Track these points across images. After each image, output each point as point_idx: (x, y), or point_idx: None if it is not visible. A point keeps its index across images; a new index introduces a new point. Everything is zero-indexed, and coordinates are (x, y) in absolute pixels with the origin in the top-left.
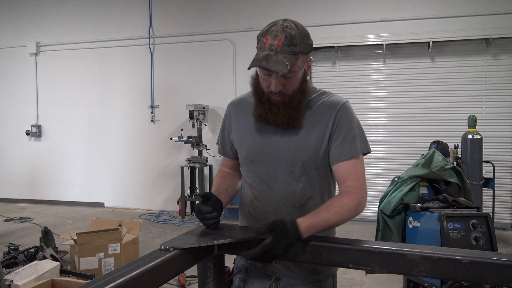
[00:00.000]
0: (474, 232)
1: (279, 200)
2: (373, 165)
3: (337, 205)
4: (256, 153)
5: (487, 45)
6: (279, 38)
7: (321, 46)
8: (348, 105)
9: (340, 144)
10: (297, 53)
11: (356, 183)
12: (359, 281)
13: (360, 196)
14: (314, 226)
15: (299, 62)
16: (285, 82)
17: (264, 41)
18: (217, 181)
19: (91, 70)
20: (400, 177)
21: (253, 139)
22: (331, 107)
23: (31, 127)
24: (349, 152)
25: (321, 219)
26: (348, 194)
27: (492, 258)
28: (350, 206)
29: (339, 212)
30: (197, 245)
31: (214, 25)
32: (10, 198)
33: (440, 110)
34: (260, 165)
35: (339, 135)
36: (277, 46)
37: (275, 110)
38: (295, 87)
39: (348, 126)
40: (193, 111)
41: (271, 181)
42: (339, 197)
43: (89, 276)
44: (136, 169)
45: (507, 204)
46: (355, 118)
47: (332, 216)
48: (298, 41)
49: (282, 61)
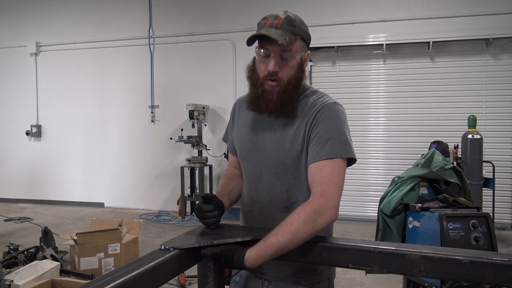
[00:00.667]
0: (474, 232)
1: (264, 200)
2: (373, 165)
3: (287, 223)
4: (246, 151)
5: (487, 45)
6: (280, 18)
7: (321, 46)
8: (333, 106)
9: (312, 146)
10: (296, 34)
11: (318, 188)
12: (359, 281)
13: (319, 203)
14: (263, 255)
15: (298, 44)
16: (282, 64)
17: (265, 21)
18: (221, 183)
19: (91, 70)
20: (400, 177)
21: (245, 137)
22: (313, 107)
23: (31, 127)
24: (318, 155)
25: (269, 246)
26: (303, 206)
27: (492, 258)
28: (302, 220)
29: (288, 230)
30: (197, 245)
31: (214, 25)
32: (10, 198)
33: (440, 110)
34: (249, 163)
35: (313, 136)
36: (278, 23)
37: (268, 96)
38: (292, 73)
39: (325, 127)
40: (193, 111)
41: (258, 180)
42: (293, 212)
43: (89, 276)
44: (136, 169)
45: (507, 204)
46: (336, 120)
47: (281, 238)
48: (297, 24)
49: (281, 34)
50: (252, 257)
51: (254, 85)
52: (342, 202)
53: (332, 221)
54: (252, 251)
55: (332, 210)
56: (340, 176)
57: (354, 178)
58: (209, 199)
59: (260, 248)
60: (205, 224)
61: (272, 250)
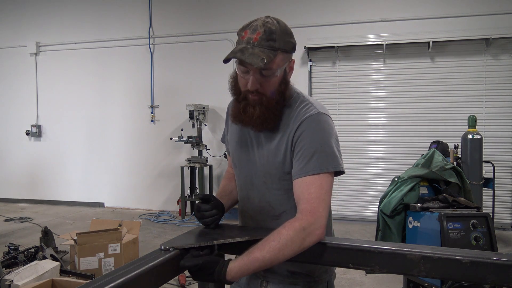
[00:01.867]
0: (474, 232)
1: (254, 207)
2: (373, 165)
3: (274, 239)
4: (237, 158)
5: (487, 45)
6: (258, 32)
7: (321, 46)
8: (317, 117)
9: (297, 160)
10: (276, 49)
11: (307, 205)
12: (359, 281)
13: (308, 222)
14: (246, 269)
15: (278, 59)
16: (262, 81)
17: (243, 35)
18: (222, 184)
19: (91, 70)
20: (400, 177)
21: (235, 144)
22: (297, 118)
23: (31, 127)
24: (304, 170)
25: (253, 260)
26: (292, 222)
27: (492, 258)
28: (290, 237)
29: (275, 246)
30: (197, 245)
31: (214, 25)
32: (10, 198)
33: (440, 110)
34: (241, 170)
35: (298, 150)
36: (255, 40)
37: (250, 110)
38: (274, 87)
39: (309, 140)
40: (193, 111)
41: (249, 187)
42: (281, 228)
43: (89, 276)
44: (136, 169)
45: (507, 204)
46: (321, 131)
47: (266, 254)
48: (278, 36)
49: (258, 54)
50: (234, 270)
51: (237, 98)
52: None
53: (320, 240)
54: (235, 264)
55: (321, 230)
56: (328, 193)
57: (354, 178)
58: (208, 200)
59: (243, 261)
60: (204, 224)
61: (255, 265)
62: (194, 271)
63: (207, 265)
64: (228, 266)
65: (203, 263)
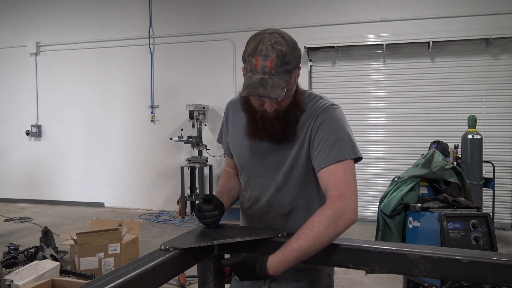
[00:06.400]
0: (474, 232)
1: (263, 207)
2: (373, 165)
3: (307, 228)
4: (244, 159)
5: (487, 45)
6: (271, 58)
7: (321, 46)
8: (330, 108)
9: (319, 151)
10: (291, 70)
11: (334, 191)
12: (359, 281)
13: (338, 206)
14: (285, 261)
15: (293, 78)
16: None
17: (255, 62)
18: (221, 182)
19: (91, 70)
20: (400, 177)
21: (243, 145)
22: (312, 113)
23: (31, 127)
24: (328, 159)
25: (290, 251)
26: (322, 209)
27: (492, 258)
28: (323, 224)
29: (310, 235)
30: (197, 245)
31: (214, 25)
32: (10, 198)
33: (440, 110)
34: (248, 171)
35: (318, 141)
36: (270, 68)
37: (269, 126)
38: (289, 100)
39: (328, 131)
40: (193, 111)
41: (257, 188)
42: (313, 216)
43: (89, 276)
44: (136, 169)
45: (507, 204)
46: (338, 121)
47: (302, 243)
48: (290, 57)
49: (278, 85)
50: (274, 263)
51: (252, 117)
52: None
53: (353, 222)
54: (274, 258)
55: (352, 212)
56: (353, 176)
57: None
58: (210, 200)
59: (282, 254)
60: (205, 224)
61: (293, 256)
62: (237, 270)
63: (247, 261)
64: (268, 260)
65: (243, 260)
